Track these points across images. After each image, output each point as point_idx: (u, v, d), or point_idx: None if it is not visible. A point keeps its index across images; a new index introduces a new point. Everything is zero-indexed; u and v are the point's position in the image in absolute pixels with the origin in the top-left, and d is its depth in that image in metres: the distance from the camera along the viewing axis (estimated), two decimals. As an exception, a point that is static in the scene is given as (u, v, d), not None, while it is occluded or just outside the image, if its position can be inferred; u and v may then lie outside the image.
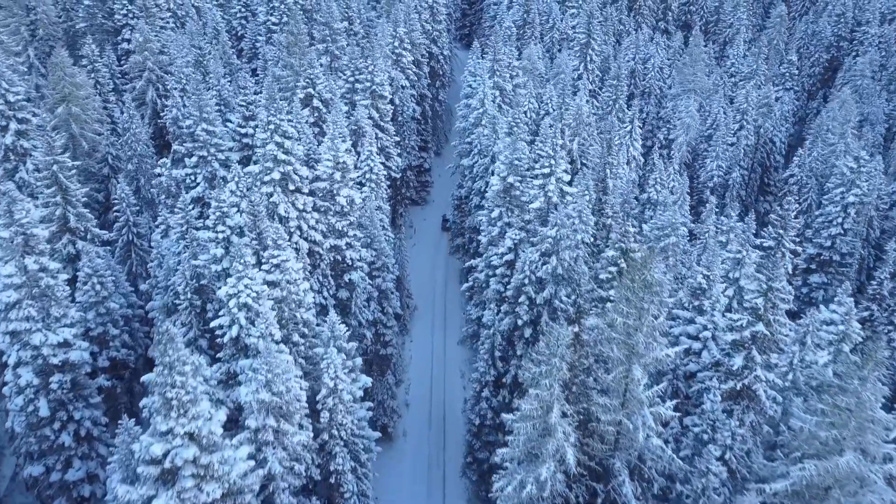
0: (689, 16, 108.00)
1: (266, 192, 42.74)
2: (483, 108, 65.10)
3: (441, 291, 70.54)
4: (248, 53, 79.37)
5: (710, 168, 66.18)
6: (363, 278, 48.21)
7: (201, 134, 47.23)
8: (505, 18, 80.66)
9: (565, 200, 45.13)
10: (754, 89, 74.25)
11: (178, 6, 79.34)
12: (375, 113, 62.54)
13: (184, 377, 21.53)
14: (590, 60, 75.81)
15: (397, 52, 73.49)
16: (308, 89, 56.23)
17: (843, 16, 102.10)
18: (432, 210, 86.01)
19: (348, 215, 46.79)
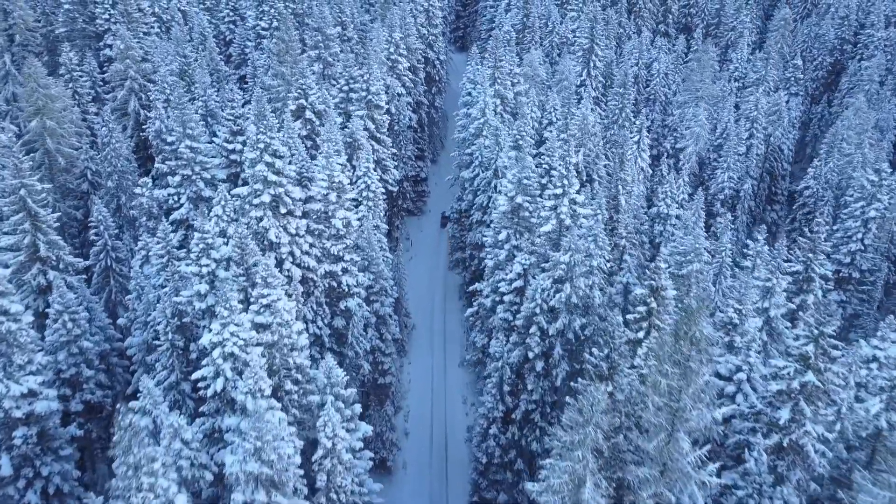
0: (689, 18, 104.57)
1: (255, 216, 38.91)
2: (484, 119, 61.35)
3: (440, 308, 66.78)
4: (237, 59, 75.29)
5: (720, 180, 62.72)
6: (360, 305, 44.43)
7: (185, 151, 43.30)
8: (504, 22, 77.01)
9: (578, 222, 41.48)
10: (763, 96, 70.86)
11: (163, 10, 75.15)
12: (371, 124, 58.70)
13: (153, 478, 17.74)
14: (593, 66, 72.18)
15: (393, 58, 69.64)
16: (300, 100, 52.32)
17: (847, 18, 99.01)
18: (429, 220, 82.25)
19: (344, 238, 42.99)
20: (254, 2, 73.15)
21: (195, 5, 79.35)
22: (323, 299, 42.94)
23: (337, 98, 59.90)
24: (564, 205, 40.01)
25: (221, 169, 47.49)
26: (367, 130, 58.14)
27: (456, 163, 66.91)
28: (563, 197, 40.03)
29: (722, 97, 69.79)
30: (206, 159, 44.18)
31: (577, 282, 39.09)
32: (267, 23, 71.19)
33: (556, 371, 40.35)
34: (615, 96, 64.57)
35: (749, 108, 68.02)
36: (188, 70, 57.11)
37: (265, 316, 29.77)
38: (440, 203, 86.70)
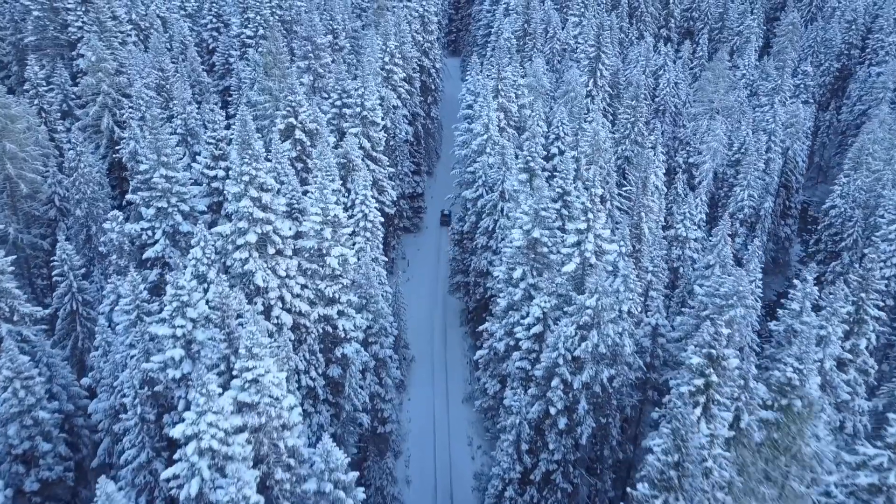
0: (691, 23, 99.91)
1: (239, 257, 33.66)
2: (488, 135, 56.31)
3: (440, 337, 61.70)
4: (221, 69, 69.79)
5: (740, 198, 58.02)
6: (358, 351, 39.28)
7: (159, 181, 37.94)
8: (504, 29, 72.02)
9: (604, 258, 36.51)
10: (780, 106, 66.32)
11: (140, 17, 69.54)
12: (367, 142, 53.51)
13: None
14: (600, 76, 67.31)
15: (388, 68, 64.45)
16: (289, 119, 47.04)
17: (854, 22, 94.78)
18: (426, 237, 77.14)
19: (341, 278, 37.81)
20: (238, 8, 67.73)
21: (175, 11, 73.79)
22: (317, 346, 37.76)
23: (329, 114, 54.66)
24: (589, 241, 35.09)
25: (202, 198, 42.16)
26: (362, 149, 52.98)
27: (457, 181, 61.81)
28: (587, 232, 35.11)
29: (739, 109, 65.10)
30: (183, 189, 38.83)
31: (605, 329, 34.21)
32: (252, 31, 65.83)
33: (580, 428, 35.50)
34: (627, 109, 59.71)
35: (766, 120, 63.38)
36: (165, 85, 51.59)
37: (250, 394, 24.59)
38: (437, 218, 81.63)
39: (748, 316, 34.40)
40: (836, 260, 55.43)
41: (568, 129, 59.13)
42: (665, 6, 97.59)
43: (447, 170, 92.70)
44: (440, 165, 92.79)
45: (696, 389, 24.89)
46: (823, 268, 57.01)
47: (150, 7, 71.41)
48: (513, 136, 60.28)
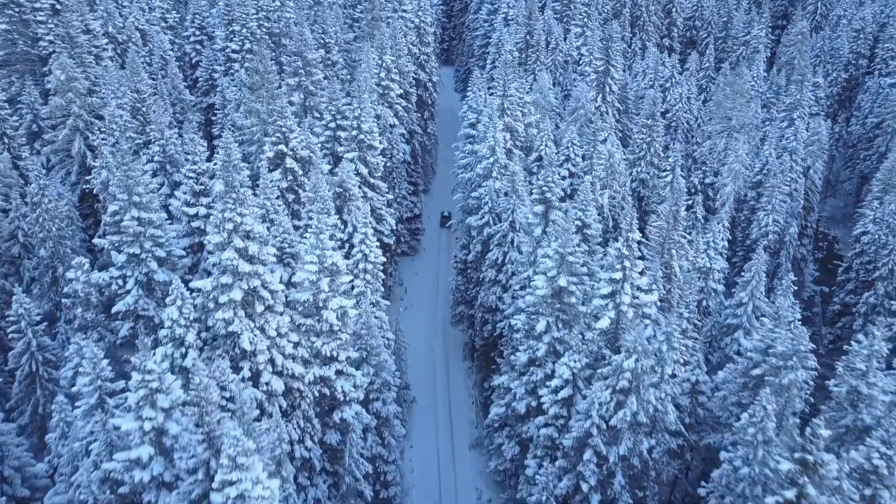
0: (694, 32, 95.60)
1: (223, 318, 28.58)
2: (494, 158, 51.44)
3: (443, 374, 56.71)
4: (204, 86, 64.47)
5: (763, 223, 53.46)
6: (358, 413, 34.26)
7: (131, 224, 32.73)
8: (505, 40, 67.22)
9: (640, 311, 31.70)
10: (801, 122, 61.95)
11: (117, 30, 64.08)
12: (364, 168, 48.48)
13: None
14: (609, 91, 62.65)
15: (384, 84, 59.40)
16: (279, 146, 41.93)
17: (863, 31, 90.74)
18: (424, 260, 72.12)
19: (339, 333, 32.78)
20: (223, 20, 62.43)
21: (155, 24, 68.39)
22: (312, 412, 32.70)
23: (322, 136, 49.63)
24: (626, 293, 30.30)
25: (181, 238, 37.03)
26: (359, 175, 47.93)
27: (459, 206, 56.84)
28: (623, 282, 30.33)
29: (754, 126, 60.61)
30: (158, 233, 33.63)
31: (645, 394, 29.42)
32: (238, 44, 60.55)
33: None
34: (642, 129, 55.03)
35: (787, 138, 58.93)
36: (142, 108, 46.31)
37: (235, 512, 19.57)
38: (435, 237, 76.73)
39: (809, 379, 29.67)
40: (868, 290, 51.01)
41: (579, 150, 54.49)
42: (667, 15, 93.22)
43: (443, 185, 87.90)
44: (436, 181, 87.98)
45: (785, 502, 20.12)
46: (855, 298, 52.62)
47: (129, 19, 65.98)
48: (520, 158, 55.44)
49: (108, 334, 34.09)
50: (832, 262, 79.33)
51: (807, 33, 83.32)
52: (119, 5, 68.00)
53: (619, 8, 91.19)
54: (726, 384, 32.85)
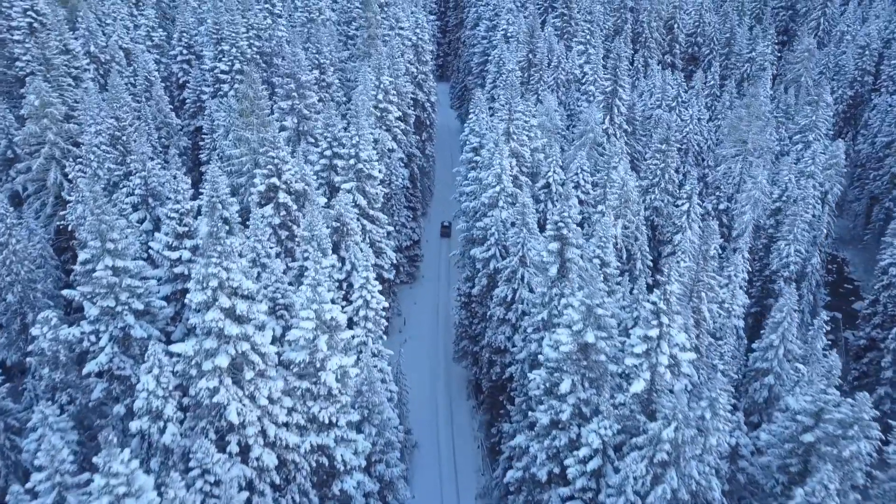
0: (696, 48, 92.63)
1: (207, 387, 24.70)
2: (500, 186, 47.83)
3: (445, 415, 52.81)
4: (192, 107, 60.64)
5: (784, 253, 50.03)
6: (360, 483, 30.36)
7: (104, 274, 28.82)
8: (507, 59, 63.83)
9: (678, 370, 28.02)
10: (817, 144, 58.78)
11: (100, 49, 60.17)
12: (363, 199, 44.73)
13: None
14: (617, 112, 59.27)
15: (382, 106, 55.79)
16: (272, 179, 38.11)
17: (868, 48, 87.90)
18: (424, 288, 68.25)
19: (339, 396, 28.93)
20: (212, 39, 58.66)
21: (140, 42, 64.53)
22: (308, 483, 28.81)
23: (318, 165, 45.88)
24: (663, 352, 26.66)
25: (163, 284, 33.13)
26: (357, 207, 44.20)
27: (463, 235, 53.11)
28: (660, 340, 26.70)
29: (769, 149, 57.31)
30: (136, 283, 29.72)
31: (686, 468, 25.69)
32: (227, 65, 56.79)
33: (653, 592, 26.86)
34: (655, 154, 51.57)
35: (805, 162, 55.67)
36: (121, 137, 42.43)
37: None
38: (433, 262, 72.97)
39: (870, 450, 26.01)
40: (897, 325, 47.64)
41: (588, 177, 51.03)
42: (669, 31, 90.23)
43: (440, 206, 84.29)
44: (434, 203, 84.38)
45: None
46: (883, 333, 49.21)
47: (112, 38, 62.09)
48: (527, 185, 51.86)
49: (79, 395, 30.10)
50: (843, 286, 76.25)
51: (814, 50, 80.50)
52: (102, 23, 64.18)
53: (620, 24, 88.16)
54: (771, 448, 29.20)
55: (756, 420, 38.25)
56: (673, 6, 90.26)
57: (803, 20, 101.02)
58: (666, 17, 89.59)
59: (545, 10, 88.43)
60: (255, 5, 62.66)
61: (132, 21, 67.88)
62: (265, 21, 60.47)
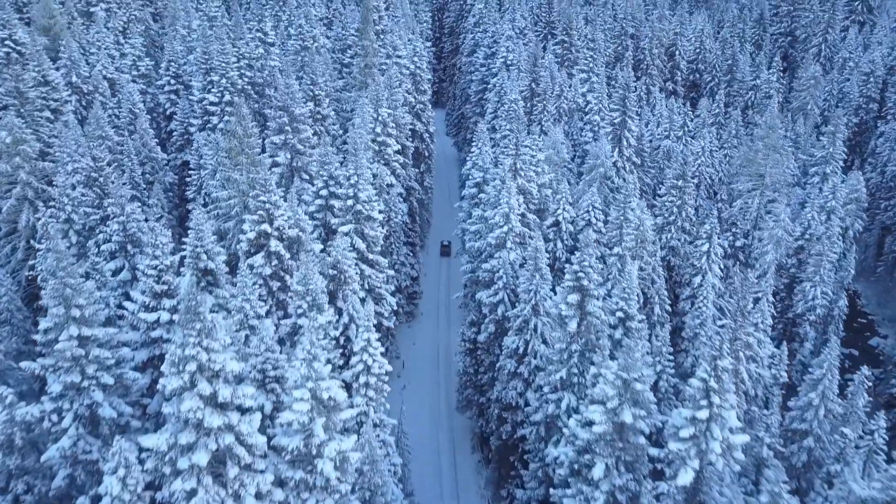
0: (697, 75, 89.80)
1: (184, 489, 20.54)
2: (509, 226, 44.08)
3: (449, 471, 48.63)
4: (179, 140, 56.74)
5: (810, 296, 46.43)
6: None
7: (68, 346, 24.71)
8: (510, 89, 60.40)
9: (730, 456, 24.05)
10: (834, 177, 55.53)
11: (83, 79, 56.35)
12: (361, 243, 40.80)
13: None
14: (626, 145, 55.82)
15: (380, 139, 52.08)
16: (262, 225, 34.13)
17: (872, 74, 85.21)
18: (423, 326, 64.21)
19: (338, 485, 24.79)
20: (201, 69, 54.93)
21: (126, 72, 60.74)
22: (304, 587, 24.56)
23: (313, 206, 41.98)
24: (714, 437, 22.77)
25: (138, 349, 29.01)
26: (355, 251, 40.27)
27: (467, 276, 49.27)
28: (710, 422, 22.84)
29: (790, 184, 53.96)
30: (105, 354, 25.60)
31: (744, 574, 21.62)
32: (217, 96, 53.03)
33: None
34: (671, 190, 48.02)
35: (824, 197, 52.29)
36: (98, 178, 38.44)
37: None
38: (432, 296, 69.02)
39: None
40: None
41: (600, 214, 47.40)
42: (670, 58, 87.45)
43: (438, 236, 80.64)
44: (431, 233, 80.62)
45: None
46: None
47: (96, 67, 58.32)
48: (534, 223, 48.16)
49: (38, 483, 25.85)
50: (857, 320, 72.69)
51: (819, 77, 77.70)
52: (86, 52, 60.41)
53: (621, 51, 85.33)
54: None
55: (794, 486, 34.42)
56: (674, 32, 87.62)
57: (803, 46, 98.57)
58: (667, 43, 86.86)
59: (544, 36, 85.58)
60: (246, 34, 59.15)
61: (118, 49, 64.19)
62: (257, 50, 56.87)
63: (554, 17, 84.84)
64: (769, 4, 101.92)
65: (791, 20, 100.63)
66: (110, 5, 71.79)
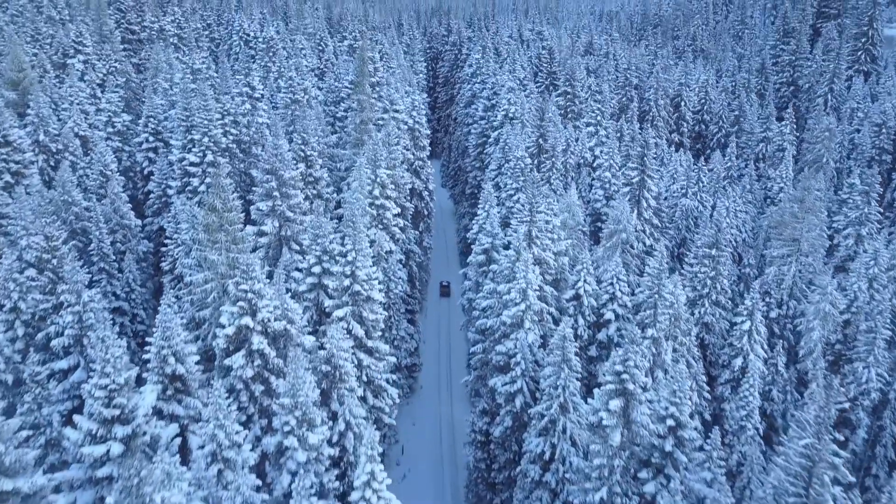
0: (703, 126, 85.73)
1: None
2: (526, 304, 38.41)
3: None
4: (156, 203, 51.08)
5: (862, 378, 40.78)
6: None
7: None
8: (516, 145, 55.50)
9: None
10: (871, 240, 50.56)
11: (51, 138, 50.84)
12: (360, 328, 34.89)
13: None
14: (645, 206, 50.68)
15: (378, 202, 46.59)
16: (243, 319, 28.19)
17: (885, 125, 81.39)
18: (424, 402, 57.85)
19: None
20: (182, 125, 49.52)
21: (101, 128, 55.31)
22: None
23: (304, 285, 36.18)
24: None
25: (82, 489, 22.73)
26: (352, 337, 34.34)
27: (477, 357, 43.34)
28: None
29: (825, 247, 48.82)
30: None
31: None
32: (198, 156, 47.53)
33: None
34: (704, 260, 42.67)
35: (864, 263, 47.12)
36: (50, 260, 32.49)
37: None
38: (432, 367, 62.91)
39: None
40: None
41: (625, 287, 41.88)
42: (676, 109, 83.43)
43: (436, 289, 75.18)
44: (430, 292, 74.96)
45: None
46: None
47: (67, 124, 52.89)
48: (551, 296, 42.54)
49: None
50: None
51: (834, 130, 73.49)
52: (57, 108, 55.00)
53: (625, 102, 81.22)
54: None
55: None
56: (679, 83, 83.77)
57: (807, 96, 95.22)
58: (672, 94, 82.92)
59: (546, 88, 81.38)
60: (232, 88, 54.06)
61: (94, 104, 58.92)
62: (243, 106, 51.69)
63: (555, 68, 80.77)
64: (769, 54, 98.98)
65: (793, 69, 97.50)
66: (89, 57, 66.76)
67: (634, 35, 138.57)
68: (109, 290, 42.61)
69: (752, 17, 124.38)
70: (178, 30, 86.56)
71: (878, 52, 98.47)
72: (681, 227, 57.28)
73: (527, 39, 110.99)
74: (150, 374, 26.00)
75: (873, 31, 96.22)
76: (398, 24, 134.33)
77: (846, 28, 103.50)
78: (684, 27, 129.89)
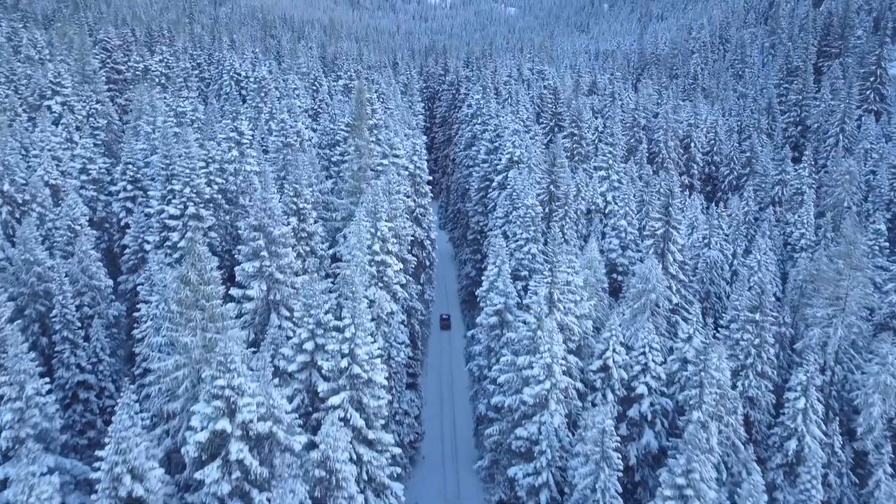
0: (713, 168, 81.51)
1: None
2: (552, 381, 33.03)
3: None
4: (132, 259, 45.63)
5: (932, 460, 35.48)
6: None
7: None
8: (525, 192, 50.64)
9: None
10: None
11: (17, 188, 45.56)
12: (359, 418, 29.30)
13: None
14: (671, 261, 45.68)
15: (379, 258, 41.34)
16: (220, 422, 22.62)
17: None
18: (424, 473, 51.43)
19: None
20: (162, 174, 44.31)
21: (75, 176, 50.11)
22: None
23: (294, 364, 30.69)
24: None
25: None
26: (351, 428, 28.78)
27: (493, 439, 37.63)
28: None
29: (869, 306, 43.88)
30: None
31: None
32: (178, 209, 42.30)
33: None
34: (746, 325, 37.52)
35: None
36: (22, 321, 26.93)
37: None
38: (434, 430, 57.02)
39: None
40: None
41: (658, 356, 36.57)
42: (686, 150, 79.23)
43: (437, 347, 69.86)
44: (430, 347, 69.33)
45: None
46: None
47: (37, 172, 47.71)
48: (575, 368, 37.15)
49: None
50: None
51: (855, 172, 69.35)
52: (26, 154, 49.84)
53: (634, 144, 77.00)
54: None
55: None
56: (688, 123, 79.76)
57: (816, 136, 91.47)
58: (682, 135, 78.84)
59: (551, 129, 77.13)
60: (218, 133, 49.12)
61: (69, 149, 53.82)
62: (230, 153, 46.71)
63: (560, 109, 76.60)
64: (775, 93, 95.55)
65: (800, 109, 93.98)
66: (67, 98, 61.91)
67: (632, 74, 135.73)
68: (73, 361, 36.99)
69: (750, 56, 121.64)
70: (166, 69, 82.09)
71: (887, 91, 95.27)
72: (704, 280, 52.29)
73: (527, 79, 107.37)
74: (100, 499, 20.40)
75: (881, 70, 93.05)
76: (394, 63, 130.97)
77: (849, 67, 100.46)
78: (683, 66, 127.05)
